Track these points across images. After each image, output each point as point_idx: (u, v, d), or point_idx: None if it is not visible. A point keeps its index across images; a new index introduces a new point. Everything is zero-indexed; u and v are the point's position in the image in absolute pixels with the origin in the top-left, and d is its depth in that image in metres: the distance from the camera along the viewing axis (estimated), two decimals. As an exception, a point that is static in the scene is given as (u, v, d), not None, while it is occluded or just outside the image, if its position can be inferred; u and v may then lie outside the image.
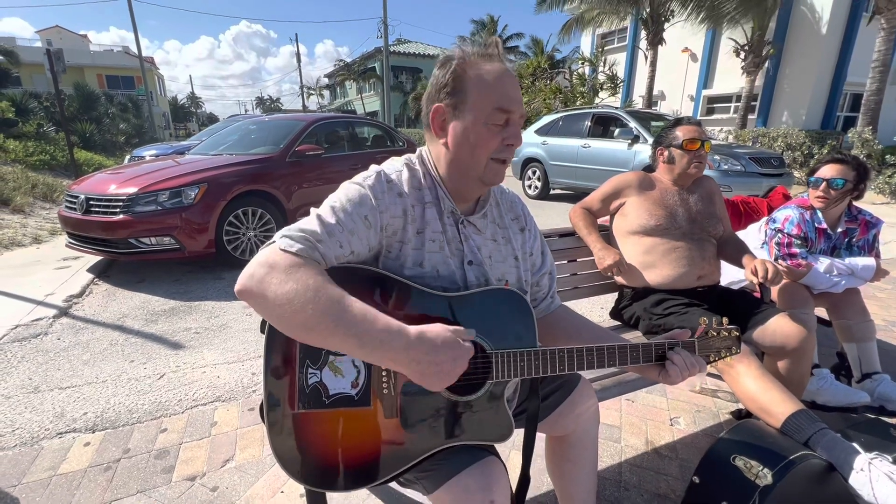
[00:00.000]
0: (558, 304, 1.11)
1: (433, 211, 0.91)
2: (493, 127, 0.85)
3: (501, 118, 0.85)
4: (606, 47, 17.74)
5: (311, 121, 5.02)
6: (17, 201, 6.64)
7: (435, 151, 0.94)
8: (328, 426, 0.81)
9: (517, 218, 1.07)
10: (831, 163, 1.83)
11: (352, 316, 0.71)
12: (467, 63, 0.86)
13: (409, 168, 0.92)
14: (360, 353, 0.72)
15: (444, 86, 0.87)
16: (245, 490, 1.50)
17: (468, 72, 0.86)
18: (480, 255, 0.94)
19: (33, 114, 13.29)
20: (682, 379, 0.92)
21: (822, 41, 12.39)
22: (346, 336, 0.70)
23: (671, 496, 1.47)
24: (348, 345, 0.71)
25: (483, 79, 0.85)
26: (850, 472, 1.10)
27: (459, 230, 0.93)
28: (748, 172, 5.84)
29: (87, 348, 2.57)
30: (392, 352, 0.71)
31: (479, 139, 0.86)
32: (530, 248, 1.06)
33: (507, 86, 0.86)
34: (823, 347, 2.14)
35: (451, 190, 0.93)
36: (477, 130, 0.85)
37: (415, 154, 0.96)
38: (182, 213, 3.68)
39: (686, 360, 0.92)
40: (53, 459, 1.66)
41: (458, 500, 0.78)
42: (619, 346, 0.91)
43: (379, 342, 0.70)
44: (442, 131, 0.89)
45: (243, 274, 0.72)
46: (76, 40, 32.36)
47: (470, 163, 0.88)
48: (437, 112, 0.89)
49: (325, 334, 0.70)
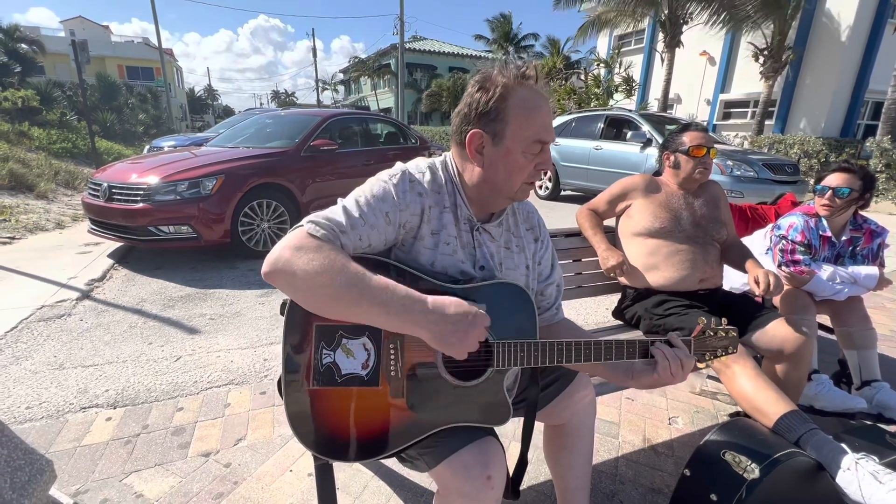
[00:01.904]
0: (562, 317, 1.14)
1: (450, 216, 0.95)
2: (530, 155, 0.91)
3: (538, 148, 0.90)
4: (623, 49, 17.59)
5: (327, 116, 5.11)
6: (41, 187, 6.85)
7: (462, 165, 0.97)
8: (340, 402, 0.88)
9: (532, 228, 1.11)
10: (838, 171, 1.85)
11: (375, 286, 0.78)
12: (508, 91, 0.88)
13: (433, 171, 0.96)
14: (385, 319, 0.78)
15: (485, 113, 0.88)
16: (256, 467, 1.58)
17: (509, 101, 0.87)
18: (492, 263, 0.99)
19: (57, 102, 13.65)
20: (670, 371, 0.91)
21: (844, 47, 12.16)
22: (371, 304, 0.77)
23: (665, 491, 1.52)
24: (374, 312, 0.78)
25: (523, 110, 0.88)
26: (838, 471, 1.14)
27: (474, 236, 0.98)
28: (761, 179, 5.80)
29: (108, 330, 2.68)
30: (413, 315, 0.78)
31: (515, 167, 0.91)
32: (540, 257, 1.11)
33: (544, 114, 0.90)
34: (825, 354, 2.16)
35: (471, 199, 0.97)
36: (515, 160, 0.90)
37: (440, 159, 1.00)
38: (200, 204, 3.79)
39: (667, 353, 0.91)
40: (77, 432, 1.76)
41: (457, 475, 0.84)
42: (616, 341, 0.95)
43: (402, 307, 0.77)
44: (479, 155, 0.92)
45: (270, 256, 0.79)
46: (98, 31, 32.96)
47: (504, 186, 0.93)
48: (475, 137, 0.90)
49: (350, 304, 0.77)
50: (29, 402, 1.95)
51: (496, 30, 26.54)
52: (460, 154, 0.96)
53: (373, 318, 0.79)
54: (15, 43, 16.75)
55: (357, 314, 0.79)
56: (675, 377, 0.92)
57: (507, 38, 26.38)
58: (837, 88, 12.39)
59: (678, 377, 0.93)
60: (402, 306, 0.78)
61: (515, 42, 26.80)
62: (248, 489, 1.48)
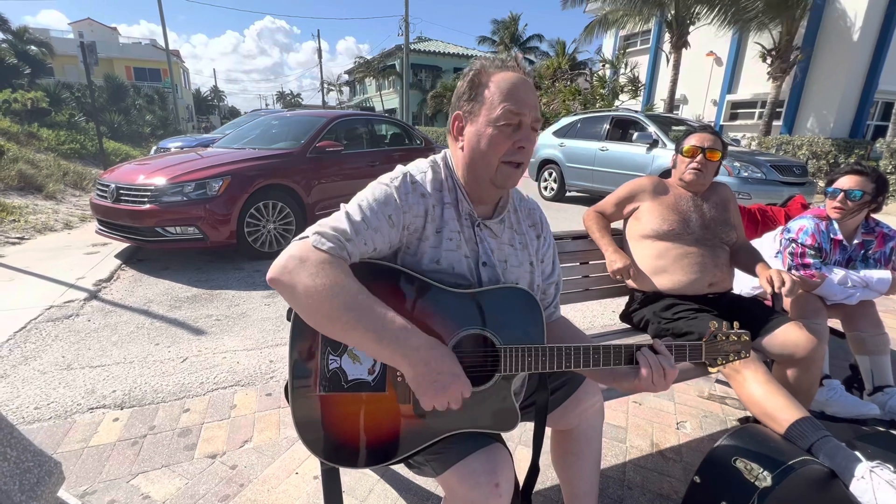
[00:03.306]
0: (559, 316, 1.14)
1: (452, 211, 0.95)
2: (505, 129, 0.88)
3: (513, 119, 0.88)
4: (629, 49, 17.50)
5: (332, 117, 5.12)
6: (50, 188, 6.92)
7: (455, 155, 0.99)
8: (346, 408, 0.88)
9: (534, 225, 1.10)
10: (850, 174, 1.82)
11: (372, 313, 0.77)
12: (483, 72, 0.91)
13: (433, 170, 0.97)
14: (376, 347, 0.78)
15: (463, 94, 0.93)
16: (262, 470, 1.58)
17: (483, 79, 0.91)
18: (494, 259, 0.98)
19: (65, 104, 13.77)
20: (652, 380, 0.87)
21: (853, 47, 12.02)
22: (366, 331, 0.77)
23: (673, 497, 1.50)
24: (367, 339, 0.78)
25: (496, 84, 0.90)
26: (851, 480, 1.12)
27: (475, 232, 0.97)
28: (769, 180, 5.74)
29: (116, 330, 2.70)
30: (404, 350, 0.77)
31: (490, 141, 0.89)
32: (543, 255, 1.10)
33: (519, 90, 0.89)
34: (836, 359, 2.13)
35: (469, 192, 0.97)
36: (488, 133, 0.89)
37: (440, 156, 1.01)
38: (206, 205, 3.81)
39: (651, 360, 0.88)
40: (85, 432, 1.77)
41: (465, 481, 0.83)
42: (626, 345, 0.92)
43: (394, 340, 0.77)
44: (461, 137, 0.95)
45: (276, 264, 0.79)
46: (106, 32, 33.30)
47: (482, 165, 0.92)
48: (456, 118, 0.95)
49: (346, 327, 0.77)
50: (37, 402, 1.96)
51: (501, 31, 26.51)
52: (451, 143, 0.99)
53: (365, 345, 0.79)
54: (24, 45, 16.95)
55: (350, 338, 0.79)
56: (655, 386, 0.88)
57: (513, 38, 26.35)
58: (846, 89, 12.25)
59: (659, 386, 0.88)
60: (394, 339, 0.77)
61: (521, 43, 26.76)
62: (254, 491, 1.48)
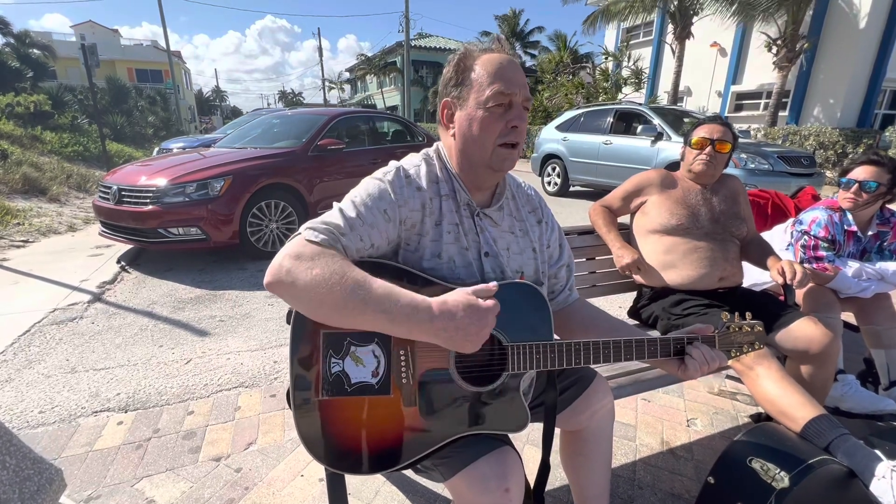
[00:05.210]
0: (576, 297, 1.12)
1: (450, 203, 0.93)
2: (496, 110, 0.87)
3: (503, 100, 0.86)
4: (631, 42, 17.34)
5: (333, 115, 5.09)
6: (54, 191, 6.94)
7: (447, 144, 0.96)
8: (350, 412, 0.85)
9: (534, 210, 1.08)
10: (866, 164, 1.77)
11: (378, 293, 0.75)
12: (469, 56, 0.90)
13: (427, 162, 0.95)
14: (390, 327, 0.76)
15: (450, 80, 0.91)
16: (267, 472, 1.57)
17: (469, 63, 0.89)
18: (496, 248, 0.95)
19: (68, 106, 13.81)
20: (700, 374, 0.92)
21: (860, 35, 11.85)
22: (376, 312, 0.74)
23: (685, 496, 1.47)
24: (379, 321, 0.75)
25: (482, 65, 0.88)
26: (872, 479, 1.08)
27: (475, 222, 0.95)
28: (776, 171, 5.67)
29: (119, 333, 2.69)
30: (419, 324, 0.75)
31: (482, 124, 0.87)
32: (547, 240, 1.07)
33: (506, 69, 0.87)
34: (850, 353, 2.08)
35: (465, 182, 0.95)
36: (479, 115, 0.87)
37: (432, 148, 0.99)
38: (208, 205, 3.79)
39: (706, 355, 0.91)
40: (89, 436, 1.76)
41: (474, 486, 0.80)
42: (637, 339, 0.91)
43: (406, 316, 0.75)
44: (451, 124, 0.93)
45: (272, 266, 0.76)
46: (108, 35, 33.34)
47: (476, 149, 0.90)
48: (445, 106, 0.93)
49: (355, 313, 0.74)
50: (42, 406, 1.95)
51: (502, 26, 26.35)
52: (442, 132, 0.97)
53: (378, 327, 0.77)
54: (27, 48, 16.98)
55: (362, 323, 0.76)
56: (694, 377, 0.93)
57: (514, 33, 26.19)
58: (853, 77, 12.07)
59: (697, 377, 0.94)
60: (405, 315, 0.75)
61: (522, 38, 26.59)
62: (260, 494, 1.46)
